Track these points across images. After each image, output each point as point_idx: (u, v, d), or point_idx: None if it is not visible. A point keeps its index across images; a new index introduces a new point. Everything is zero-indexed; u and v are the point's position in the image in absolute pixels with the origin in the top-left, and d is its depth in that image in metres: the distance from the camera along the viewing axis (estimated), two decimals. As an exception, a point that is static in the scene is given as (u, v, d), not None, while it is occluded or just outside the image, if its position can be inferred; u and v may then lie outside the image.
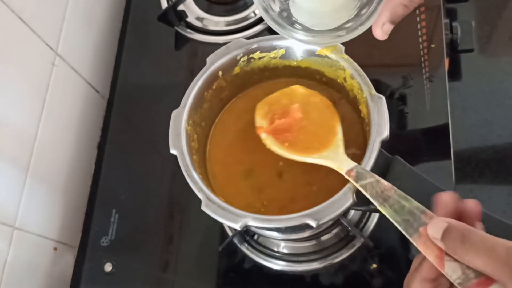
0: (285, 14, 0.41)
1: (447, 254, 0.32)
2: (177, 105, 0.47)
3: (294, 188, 0.46)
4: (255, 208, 0.46)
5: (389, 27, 0.36)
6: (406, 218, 0.36)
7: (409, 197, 0.37)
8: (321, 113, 0.46)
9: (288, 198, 0.46)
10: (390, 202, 0.37)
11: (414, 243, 0.35)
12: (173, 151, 0.44)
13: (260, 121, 0.47)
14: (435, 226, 0.32)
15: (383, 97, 0.43)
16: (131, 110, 0.70)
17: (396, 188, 0.37)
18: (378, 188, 0.38)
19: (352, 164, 0.41)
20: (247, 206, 0.45)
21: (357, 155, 0.44)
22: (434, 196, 0.35)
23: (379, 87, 0.56)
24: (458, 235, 0.31)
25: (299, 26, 0.41)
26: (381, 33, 0.36)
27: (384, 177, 0.39)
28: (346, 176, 0.40)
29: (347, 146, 0.45)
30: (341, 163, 0.41)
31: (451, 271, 0.32)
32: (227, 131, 0.49)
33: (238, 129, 0.50)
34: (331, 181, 0.42)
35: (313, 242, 0.58)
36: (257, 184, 0.46)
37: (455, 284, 0.32)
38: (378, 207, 0.37)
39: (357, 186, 0.39)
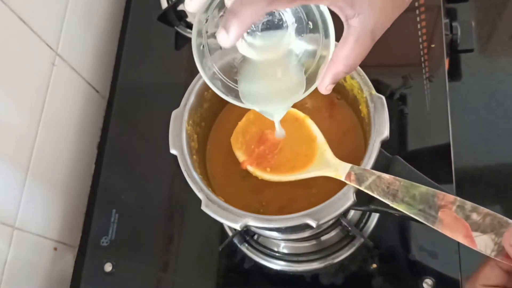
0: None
1: (474, 230, 0.32)
2: (177, 105, 0.47)
3: (293, 190, 0.46)
4: (254, 208, 0.46)
5: (331, 87, 0.37)
6: (421, 208, 0.35)
7: (414, 183, 0.36)
8: (292, 125, 0.45)
9: (288, 199, 0.46)
10: (400, 196, 0.36)
11: (439, 230, 0.34)
12: (173, 151, 0.44)
13: (241, 155, 0.46)
14: None
15: (383, 97, 0.43)
16: (131, 110, 0.70)
17: (399, 179, 0.37)
18: (382, 185, 0.37)
19: (347, 166, 0.40)
20: (247, 206, 0.45)
21: (357, 155, 0.44)
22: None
23: (379, 87, 0.56)
24: None
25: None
26: (325, 91, 0.38)
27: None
28: (348, 182, 0.39)
29: (347, 146, 0.44)
30: (336, 168, 0.41)
31: (484, 246, 0.33)
32: (227, 131, 0.49)
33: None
34: (331, 184, 0.42)
35: (313, 242, 0.58)
36: (256, 184, 0.46)
37: (491, 256, 0.32)
38: (391, 205, 0.36)
39: (363, 189, 0.38)
